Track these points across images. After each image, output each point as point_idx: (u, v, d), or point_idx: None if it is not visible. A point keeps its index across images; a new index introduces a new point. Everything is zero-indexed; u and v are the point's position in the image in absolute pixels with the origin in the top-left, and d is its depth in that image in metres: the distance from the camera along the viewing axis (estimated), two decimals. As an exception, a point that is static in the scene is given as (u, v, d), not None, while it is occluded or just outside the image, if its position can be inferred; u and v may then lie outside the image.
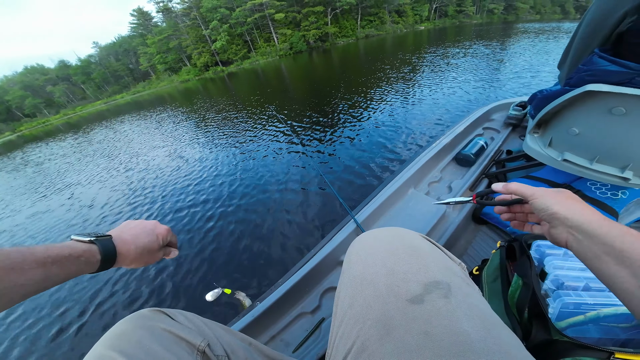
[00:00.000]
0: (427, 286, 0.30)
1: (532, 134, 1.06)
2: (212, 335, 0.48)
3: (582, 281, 0.55)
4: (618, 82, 0.68)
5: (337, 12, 41.62)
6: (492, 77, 5.81)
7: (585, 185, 0.96)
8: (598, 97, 0.74)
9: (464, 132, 1.69)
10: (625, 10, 0.63)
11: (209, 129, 6.65)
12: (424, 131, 3.63)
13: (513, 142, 1.62)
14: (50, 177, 6.57)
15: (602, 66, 0.70)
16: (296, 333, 0.92)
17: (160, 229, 0.52)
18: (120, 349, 0.36)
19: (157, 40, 42.48)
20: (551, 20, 35.99)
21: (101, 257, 0.40)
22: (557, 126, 0.93)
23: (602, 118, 0.76)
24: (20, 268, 0.31)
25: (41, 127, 37.41)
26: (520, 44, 10.79)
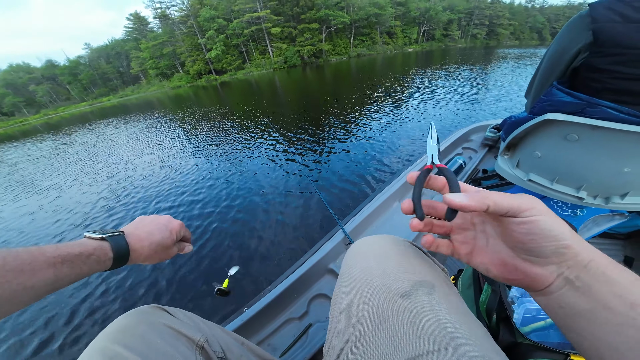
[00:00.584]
0: (415, 284, 0.34)
1: (503, 156, 1.15)
2: (209, 332, 0.49)
3: (540, 290, 0.60)
4: (572, 111, 0.76)
5: (332, 30, 43.49)
6: (474, 100, 6.21)
7: (549, 203, 1.04)
8: (556, 125, 0.83)
9: (445, 151, 1.81)
10: (579, 47, 0.72)
11: (199, 137, 6.60)
12: (411, 147, 3.79)
13: (489, 162, 1.74)
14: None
15: (559, 97, 0.79)
16: (284, 338, 0.94)
17: (173, 224, 0.51)
18: (124, 343, 0.37)
19: (151, 46, 42.39)
20: (529, 46, 39.19)
21: (113, 254, 0.40)
22: (524, 149, 1.02)
23: (559, 143, 0.85)
24: (30, 269, 0.30)
25: (17, 127, 35.56)
26: (500, 68, 11.67)
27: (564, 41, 0.78)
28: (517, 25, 68.97)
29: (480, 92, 7.00)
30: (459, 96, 6.64)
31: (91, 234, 0.40)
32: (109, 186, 4.30)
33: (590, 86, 0.75)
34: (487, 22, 61.71)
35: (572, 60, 0.76)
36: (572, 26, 0.76)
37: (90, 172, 5.43)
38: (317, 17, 40.36)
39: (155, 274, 2.07)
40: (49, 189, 4.89)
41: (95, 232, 0.40)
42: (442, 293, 0.34)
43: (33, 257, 0.31)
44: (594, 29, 0.67)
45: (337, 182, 3.05)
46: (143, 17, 49.31)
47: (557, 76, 0.82)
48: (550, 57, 0.85)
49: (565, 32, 0.79)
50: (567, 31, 0.78)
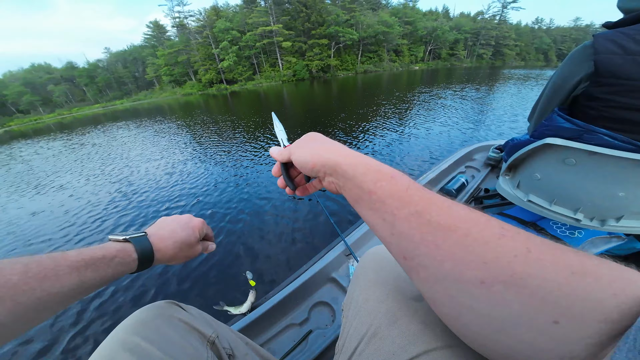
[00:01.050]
0: None
1: (504, 176, 1.19)
2: (218, 329, 0.52)
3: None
4: (570, 137, 0.81)
5: (340, 46, 44.93)
6: (478, 119, 6.27)
7: (548, 224, 1.06)
8: (554, 149, 0.87)
9: (448, 169, 1.85)
10: (580, 77, 0.76)
11: (207, 145, 6.74)
12: (415, 162, 3.83)
13: (491, 181, 1.77)
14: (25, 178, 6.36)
15: (559, 123, 0.83)
16: (284, 343, 0.95)
17: (195, 222, 0.51)
18: (143, 335, 0.39)
19: (167, 53, 44.13)
20: (534, 67, 39.46)
21: (137, 255, 0.40)
22: (524, 171, 1.06)
23: (557, 167, 0.88)
24: (54, 275, 0.29)
25: (31, 125, 36.69)
26: (506, 89, 11.80)
27: (567, 70, 0.82)
28: (523, 46, 70.29)
29: (485, 111, 7.09)
30: (463, 115, 6.73)
31: (115, 236, 0.40)
32: (119, 187, 4.39)
33: (588, 114, 0.79)
34: (494, 43, 63.11)
35: (573, 88, 0.80)
36: (575, 56, 0.80)
37: (102, 172, 5.56)
38: (326, 33, 41.86)
39: (165, 277, 2.09)
40: (60, 188, 5.01)
41: (118, 235, 0.41)
42: None
43: (56, 262, 0.30)
44: (595, 60, 0.71)
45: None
46: (162, 26, 51.70)
47: (558, 103, 0.87)
48: (554, 84, 0.89)
49: (569, 62, 0.82)
50: (571, 61, 0.81)
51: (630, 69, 0.66)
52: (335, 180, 0.31)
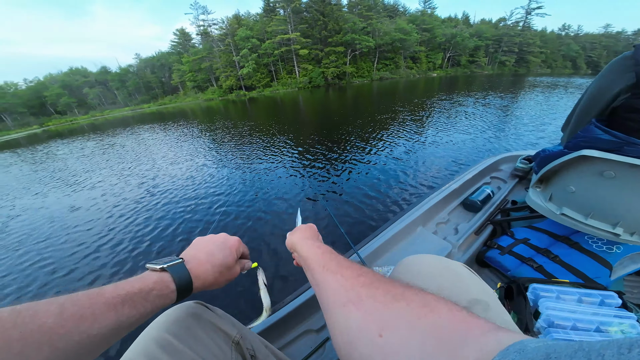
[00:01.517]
0: (470, 302, 0.35)
1: (535, 188, 1.17)
2: (242, 331, 0.55)
3: (570, 321, 0.62)
4: (609, 149, 0.79)
5: (356, 53, 45.21)
6: (503, 128, 6.05)
7: (583, 238, 1.03)
8: (591, 162, 0.86)
9: (472, 180, 1.80)
10: (620, 88, 0.76)
11: (226, 148, 6.99)
12: (434, 172, 3.76)
13: (518, 193, 1.71)
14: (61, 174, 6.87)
15: (597, 134, 0.82)
16: (301, 349, 0.95)
17: (231, 241, 0.50)
18: (175, 333, 0.41)
19: (191, 60, 46.45)
20: (562, 75, 37.50)
21: (175, 285, 0.38)
22: (557, 183, 1.04)
23: (594, 179, 0.87)
24: (90, 314, 0.27)
25: (67, 125, 39.70)
26: (532, 97, 11.31)
27: (606, 81, 0.81)
28: (549, 53, 67.18)
29: (510, 120, 6.84)
30: (487, 123, 6.54)
31: (152, 265, 0.39)
32: (147, 187, 4.66)
33: (628, 125, 0.78)
34: (517, 49, 60.85)
35: (612, 100, 0.79)
36: (615, 67, 0.79)
37: (133, 173, 5.92)
38: (343, 41, 42.30)
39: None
40: (94, 187, 5.38)
41: (155, 263, 0.39)
42: (497, 312, 0.35)
43: (92, 300, 0.29)
44: (637, 70, 0.70)
45: (355, 203, 3.08)
46: (187, 33, 54.55)
47: (596, 114, 0.85)
48: (591, 95, 0.88)
49: (608, 72, 0.81)
50: (610, 71, 0.80)
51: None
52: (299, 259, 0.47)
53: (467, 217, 1.55)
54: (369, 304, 0.28)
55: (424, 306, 0.25)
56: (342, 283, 0.33)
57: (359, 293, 0.30)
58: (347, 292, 0.31)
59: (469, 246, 1.31)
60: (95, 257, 2.75)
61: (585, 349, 0.13)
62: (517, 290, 0.82)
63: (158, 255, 2.62)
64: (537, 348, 0.15)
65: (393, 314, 0.26)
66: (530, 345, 0.16)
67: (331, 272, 0.35)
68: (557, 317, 0.64)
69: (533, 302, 0.73)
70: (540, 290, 0.75)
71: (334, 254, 0.41)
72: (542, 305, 0.68)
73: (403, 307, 0.26)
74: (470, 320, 0.23)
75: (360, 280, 0.32)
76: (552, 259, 1.03)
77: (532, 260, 1.07)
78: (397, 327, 0.24)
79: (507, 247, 1.20)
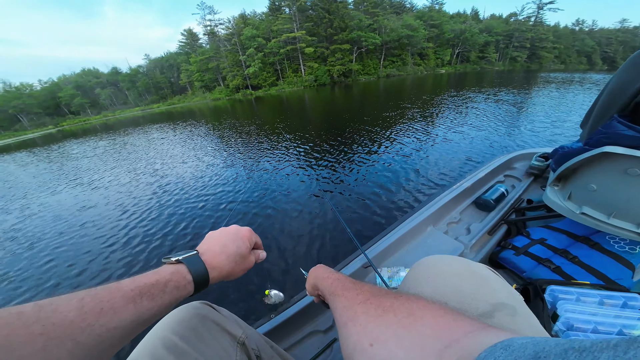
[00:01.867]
0: (495, 306, 0.34)
1: (553, 187, 1.13)
2: (247, 331, 0.54)
3: (591, 324, 0.60)
4: (633, 145, 0.76)
5: (362, 50, 44.79)
6: (517, 125, 5.89)
7: (604, 238, 0.99)
8: (614, 158, 0.83)
9: (485, 178, 1.75)
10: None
11: (232, 148, 7.06)
12: (444, 170, 3.70)
13: (534, 192, 1.65)
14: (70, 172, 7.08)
15: (619, 130, 0.79)
16: (308, 350, 0.95)
17: (243, 231, 0.50)
18: (180, 334, 0.42)
19: (199, 60, 47.04)
20: (576, 71, 36.34)
21: (192, 276, 0.38)
22: (576, 181, 1.00)
23: (618, 177, 0.83)
24: (110, 308, 0.28)
25: (80, 125, 40.91)
26: (546, 93, 10.98)
27: (628, 75, 0.78)
28: (563, 49, 64.94)
29: (524, 117, 6.65)
30: (499, 120, 6.38)
31: (167, 258, 0.39)
32: (160, 183, 4.76)
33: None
34: (529, 45, 58.99)
35: (635, 94, 0.76)
36: (636, 61, 0.76)
37: (146, 172, 6.05)
38: (349, 38, 41.97)
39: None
40: (108, 183, 5.53)
41: (171, 256, 0.40)
42: (525, 318, 0.33)
43: (111, 294, 0.29)
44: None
45: (362, 202, 3.07)
46: (195, 33, 55.20)
47: (618, 109, 0.82)
48: (612, 89, 0.85)
49: (630, 67, 0.78)
50: (631, 66, 0.78)
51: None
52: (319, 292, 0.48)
53: (480, 217, 1.52)
54: (362, 319, 0.30)
55: (409, 315, 0.27)
56: (344, 304, 0.35)
57: (356, 311, 0.32)
58: (347, 311, 0.33)
59: (482, 246, 1.28)
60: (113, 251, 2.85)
61: (576, 347, 0.12)
62: (534, 292, 0.79)
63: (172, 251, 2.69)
64: (524, 345, 0.15)
65: (382, 326, 0.28)
66: (517, 342, 0.16)
67: (337, 296, 0.38)
68: (576, 319, 0.62)
69: (551, 304, 0.70)
70: (558, 292, 0.72)
71: (341, 279, 0.43)
72: (561, 307, 0.66)
73: (391, 318, 0.28)
74: (453, 324, 0.24)
75: (359, 298, 0.34)
76: (571, 260, 0.99)
77: (549, 261, 1.04)
78: (385, 339, 0.26)
79: (523, 247, 1.16)
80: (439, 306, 0.28)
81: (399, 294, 0.32)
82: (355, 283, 0.39)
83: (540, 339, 0.15)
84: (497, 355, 0.16)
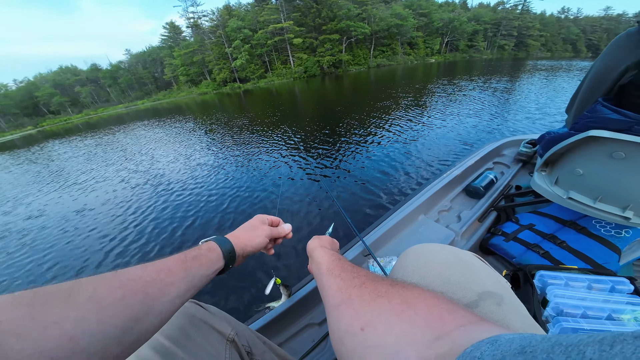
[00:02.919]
0: (482, 294, 0.33)
1: (540, 172, 1.13)
2: (237, 328, 0.54)
3: (580, 309, 0.60)
4: (618, 129, 0.76)
5: (352, 41, 44.15)
6: (506, 113, 5.98)
7: (591, 223, 1.01)
8: (600, 142, 0.82)
9: (474, 165, 1.75)
10: (626, 65, 0.72)
11: (222, 142, 6.91)
12: (436, 158, 3.72)
13: (523, 178, 1.67)
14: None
15: (604, 114, 0.78)
16: (303, 342, 0.94)
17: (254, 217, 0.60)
18: (166, 334, 0.41)
19: (183, 54, 45.36)
20: (562, 58, 37.10)
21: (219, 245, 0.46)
22: (563, 166, 1.00)
23: (603, 161, 0.83)
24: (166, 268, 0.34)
25: (62, 125, 39.16)
26: (534, 80, 11.18)
27: (611, 59, 0.78)
28: (549, 37, 65.94)
29: (513, 104, 6.75)
30: (488, 108, 6.45)
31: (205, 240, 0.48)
32: (152, 185, 4.62)
33: (638, 104, 0.74)
34: (516, 33, 59.58)
35: (619, 78, 0.76)
36: (619, 44, 0.76)
37: (130, 172, 5.86)
38: (338, 28, 41.21)
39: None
40: (96, 188, 5.34)
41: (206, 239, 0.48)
42: (512, 305, 0.33)
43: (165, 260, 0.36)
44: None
45: (357, 191, 3.07)
46: (177, 26, 53.02)
47: (602, 93, 0.82)
48: (595, 74, 0.85)
49: (613, 50, 0.78)
50: (614, 49, 0.78)
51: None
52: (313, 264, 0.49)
53: (470, 204, 1.52)
54: (356, 303, 0.30)
55: (402, 303, 0.27)
56: (339, 285, 0.36)
57: (350, 294, 0.32)
58: (341, 293, 0.34)
59: (472, 233, 1.29)
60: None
61: (563, 343, 0.12)
62: (523, 278, 0.79)
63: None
64: (510, 340, 0.15)
65: (375, 311, 0.28)
66: (504, 337, 0.16)
67: (333, 275, 0.39)
68: (566, 304, 0.62)
69: (540, 289, 0.71)
70: (547, 278, 0.72)
71: (342, 260, 0.44)
72: (550, 292, 0.66)
73: (385, 304, 0.28)
74: (447, 315, 0.24)
75: (354, 281, 0.34)
76: (559, 245, 1.01)
77: (538, 247, 1.05)
78: (377, 323, 0.26)
79: (512, 233, 1.17)
80: (434, 295, 0.28)
81: (395, 281, 0.32)
82: (353, 266, 0.40)
83: (527, 335, 0.15)
84: (483, 350, 0.16)
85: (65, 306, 0.23)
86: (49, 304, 0.23)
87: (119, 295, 0.27)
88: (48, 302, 0.23)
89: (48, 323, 0.22)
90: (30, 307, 0.22)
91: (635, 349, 0.10)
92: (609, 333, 0.11)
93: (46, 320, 0.22)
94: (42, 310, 0.22)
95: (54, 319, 0.22)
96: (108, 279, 0.28)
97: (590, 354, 0.11)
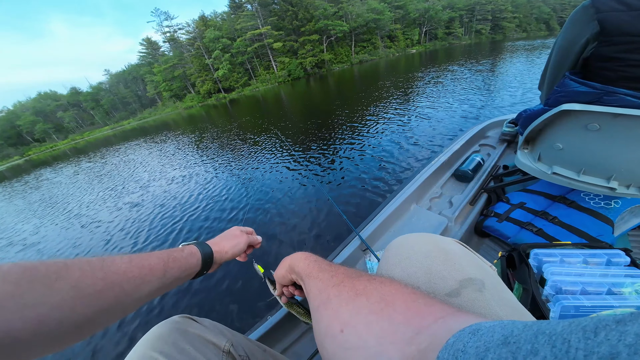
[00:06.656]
0: (462, 282, 0.34)
1: (522, 150, 1.14)
2: (233, 338, 0.52)
3: (578, 285, 0.59)
4: (589, 101, 0.76)
5: (332, 39, 44.28)
6: (489, 94, 6.05)
7: (579, 196, 1.01)
8: (573, 115, 0.83)
9: (460, 150, 1.76)
10: (586, 38, 0.73)
11: (214, 155, 6.83)
12: (424, 148, 3.75)
13: (509, 158, 1.68)
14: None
15: (573, 87, 0.79)
16: (308, 345, 0.93)
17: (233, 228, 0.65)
18: (160, 350, 0.41)
19: (163, 69, 44.83)
20: (538, 37, 37.83)
21: (198, 247, 0.50)
22: (543, 142, 1.01)
23: (580, 134, 0.84)
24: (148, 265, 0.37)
25: (49, 152, 38.17)
26: (514, 60, 11.34)
27: (571, 33, 0.79)
28: (522, 18, 67.41)
29: (495, 85, 6.85)
30: (471, 92, 6.52)
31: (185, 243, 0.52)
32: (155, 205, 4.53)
33: (605, 75, 0.75)
34: (490, 17, 60.74)
35: (581, 51, 0.77)
36: (576, 18, 0.77)
37: (121, 195, 5.74)
38: (316, 29, 41.27)
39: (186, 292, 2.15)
40: (86, 215, 5.20)
41: (186, 243, 0.53)
42: (493, 290, 0.33)
43: (149, 256, 0.39)
44: (599, 18, 0.69)
45: (350, 187, 3.06)
46: (154, 42, 52.29)
47: (568, 67, 0.83)
48: (559, 49, 0.86)
49: (571, 24, 0.79)
50: (572, 23, 0.79)
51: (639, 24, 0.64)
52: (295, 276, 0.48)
53: (460, 188, 1.53)
54: (335, 303, 0.30)
55: (380, 300, 0.26)
56: (319, 287, 0.35)
57: (329, 294, 0.32)
58: (321, 294, 0.33)
59: (465, 218, 1.29)
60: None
61: (545, 332, 0.12)
62: (518, 258, 0.79)
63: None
64: (491, 328, 0.15)
65: (354, 310, 0.27)
66: (485, 326, 0.16)
67: (312, 278, 0.38)
68: (564, 282, 0.61)
69: (537, 268, 0.70)
70: (542, 256, 0.72)
71: (318, 260, 0.43)
72: (547, 271, 0.65)
73: (363, 302, 0.27)
74: (424, 309, 0.24)
75: (333, 281, 0.34)
76: (551, 221, 1.01)
77: (531, 225, 1.05)
78: (356, 323, 0.26)
79: (504, 213, 1.18)
80: (411, 290, 0.28)
81: (372, 277, 0.31)
82: (331, 265, 0.39)
83: (507, 322, 0.15)
84: (465, 341, 0.16)
85: (48, 290, 0.24)
86: (33, 285, 0.23)
87: (100, 288, 0.28)
88: (33, 283, 0.23)
89: (25, 304, 0.22)
90: (15, 286, 0.22)
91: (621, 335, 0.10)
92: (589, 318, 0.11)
93: (24, 301, 0.22)
94: (25, 290, 0.23)
95: (32, 301, 0.23)
96: (95, 268, 0.29)
97: (576, 343, 0.10)
